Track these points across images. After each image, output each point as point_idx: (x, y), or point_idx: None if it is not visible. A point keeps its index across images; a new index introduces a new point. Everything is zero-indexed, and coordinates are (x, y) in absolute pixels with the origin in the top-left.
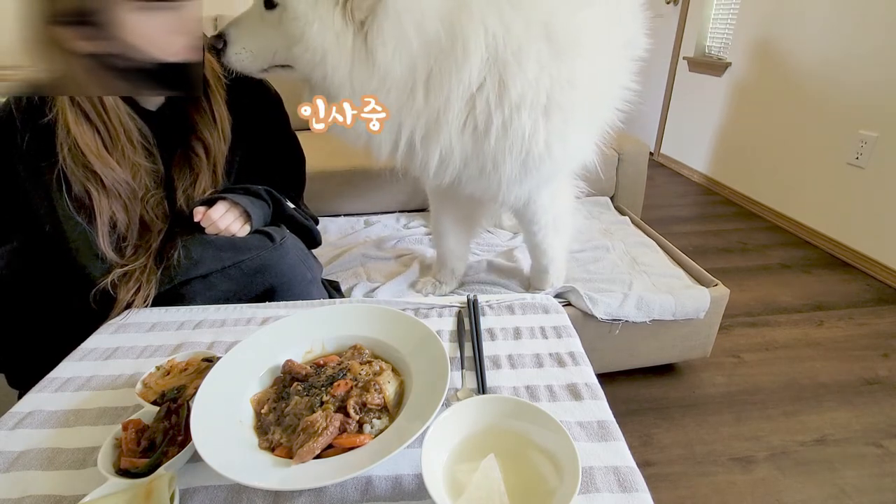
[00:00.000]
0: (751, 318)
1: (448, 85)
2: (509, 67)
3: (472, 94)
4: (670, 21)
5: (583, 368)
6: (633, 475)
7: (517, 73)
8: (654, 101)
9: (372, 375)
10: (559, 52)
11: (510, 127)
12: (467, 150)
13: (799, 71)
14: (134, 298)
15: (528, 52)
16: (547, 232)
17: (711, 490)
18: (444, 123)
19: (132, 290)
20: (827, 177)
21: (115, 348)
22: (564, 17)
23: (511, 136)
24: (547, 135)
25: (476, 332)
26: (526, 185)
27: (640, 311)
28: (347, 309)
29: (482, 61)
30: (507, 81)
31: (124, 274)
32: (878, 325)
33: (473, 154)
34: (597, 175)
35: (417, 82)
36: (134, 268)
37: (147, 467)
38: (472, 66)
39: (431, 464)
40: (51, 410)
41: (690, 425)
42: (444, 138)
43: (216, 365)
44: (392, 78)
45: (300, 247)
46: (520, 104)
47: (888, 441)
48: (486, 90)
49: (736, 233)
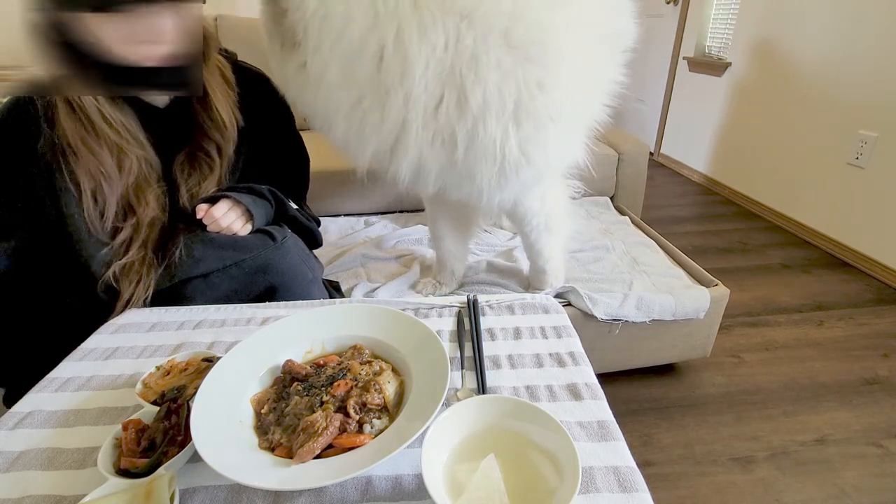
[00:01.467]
0: (751, 318)
1: (397, 98)
2: (466, 79)
3: (434, 106)
4: (670, 21)
5: (583, 368)
6: (633, 475)
7: (475, 82)
8: (654, 101)
9: (372, 375)
10: (526, 58)
11: (477, 137)
12: (441, 161)
13: (799, 71)
14: (135, 291)
15: (487, 61)
16: (540, 233)
17: (711, 490)
18: (409, 136)
19: (133, 282)
20: (827, 177)
21: (115, 348)
22: (530, 22)
23: (480, 145)
24: (520, 141)
25: (476, 332)
26: (508, 190)
27: (640, 311)
28: (347, 309)
29: (432, 74)
30: (467, 92)
31: (124, 266)
32: (878, 325)
33: (448, 164)
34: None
35: (364, 97)
36: (132, 259)
37: (147, 467)
38: (415, 79)
39: (431, 464)
40: (51, 410)
41: (690, 425)
42: (413, 150)
43: (216, 365)
44: (332, 92)
45: (301, 246)
46: (484, 113)
47: (888, 441)
48: (445, 103)
49: (736, 233)
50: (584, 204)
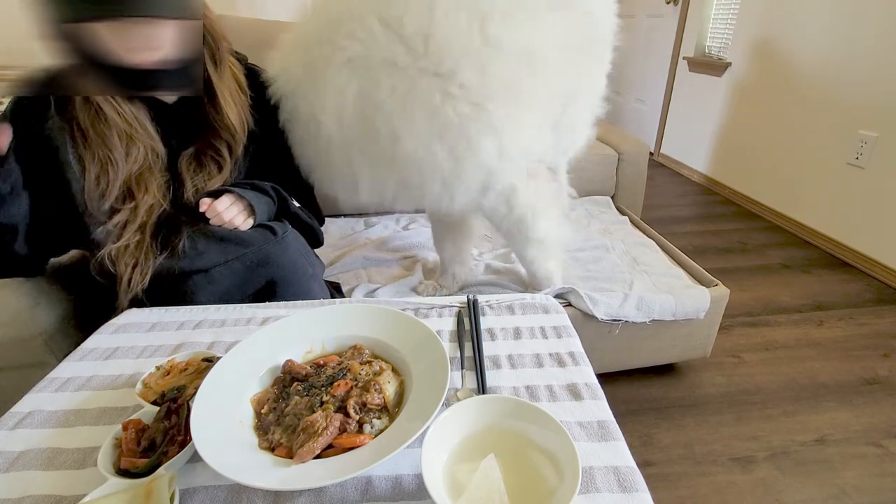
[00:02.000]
0: (751, 318)
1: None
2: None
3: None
4: (670, 21)
5: (583, 368)
6: (633, 475)
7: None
8: (654, 101)
9: (372, 375)
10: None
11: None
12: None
13: (799, 71)
14: (132, 275)
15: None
16: (518, 241)
17: (711, 490)
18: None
19: (129, 265)
20: (827, 177)
21: (115, 348)
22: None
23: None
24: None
25: (476, 332)
26: (459, 190)
27: (640, 312)
28: (347, 309)
29: (341, 65)
30: (370, 91)
31: (120, 248)
32: (878, 325)
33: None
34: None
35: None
36: (128, 242)
37: (147, 467)
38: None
39: (431, 464)
40: (51, 410)
41: (690, 425)
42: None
43: (216, 365)
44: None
45: (302, 242)
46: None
47: (888, 441)
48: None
49: (736, 233)
50: (584, 203)
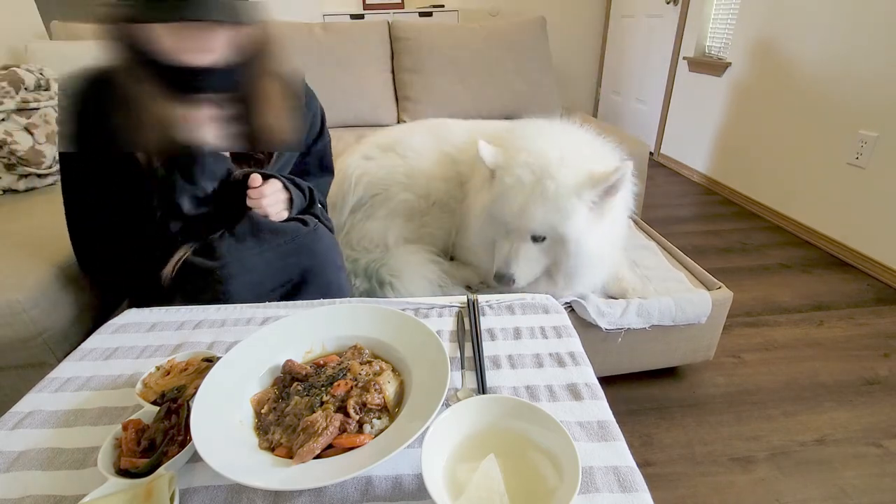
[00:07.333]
0: (751, 318)
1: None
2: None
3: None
4: (670, 21)
5: (583, 368)
6: (633, 475)
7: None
8: (654, 101)
9: (372, 375)
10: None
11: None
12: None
13: (799, 71)
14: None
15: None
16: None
17: (711, 490)
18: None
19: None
20: (827, 177)
21: (115, 348)
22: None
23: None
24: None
25: (476, 332)
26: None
27: (640, 318)
28: (347, 309)
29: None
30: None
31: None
32: (878, 325)
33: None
34: None
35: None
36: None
37: (147, 467)
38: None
39: (431, 464)
40: (51, 410)
41: (691, 425)
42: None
43: (216, 365)
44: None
45: (331, 236)
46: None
47: (888, 441)
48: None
49: (736, 233)
50: None
